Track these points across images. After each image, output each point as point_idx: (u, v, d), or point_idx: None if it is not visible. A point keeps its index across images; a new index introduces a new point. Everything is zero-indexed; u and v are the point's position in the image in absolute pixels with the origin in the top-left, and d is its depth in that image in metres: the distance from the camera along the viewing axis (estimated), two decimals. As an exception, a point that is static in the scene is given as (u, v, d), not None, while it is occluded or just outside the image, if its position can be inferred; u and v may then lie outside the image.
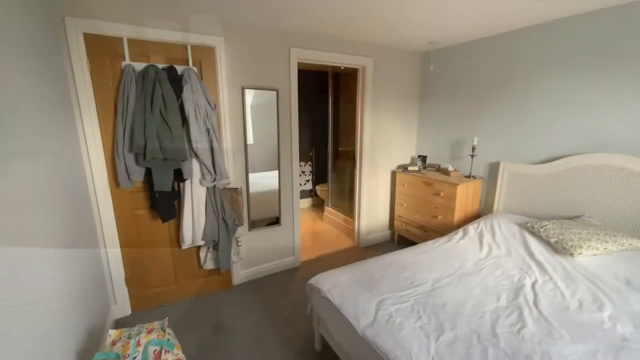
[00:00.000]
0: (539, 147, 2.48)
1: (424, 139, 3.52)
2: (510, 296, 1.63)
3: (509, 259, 2.02)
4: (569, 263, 1.86)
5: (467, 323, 1.41)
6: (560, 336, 1.32)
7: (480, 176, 2.93)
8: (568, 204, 2.29)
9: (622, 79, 2.01)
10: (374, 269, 1.90)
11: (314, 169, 4.93)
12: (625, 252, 1.82)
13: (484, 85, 2.82)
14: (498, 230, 2.32)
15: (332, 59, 2.85)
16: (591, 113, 2.16)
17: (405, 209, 3.31)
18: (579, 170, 2.21)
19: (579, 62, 2.19)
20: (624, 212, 2.02)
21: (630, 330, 1.36)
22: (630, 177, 1.97)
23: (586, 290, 1.65)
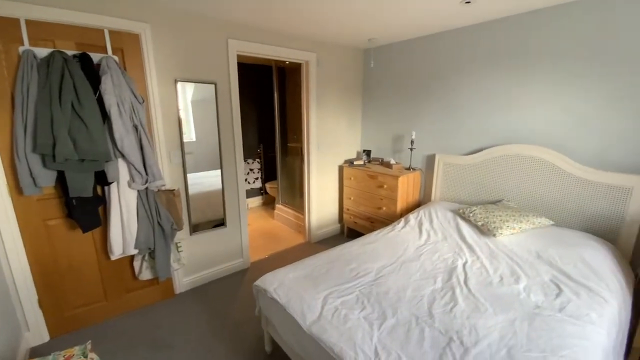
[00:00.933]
0: (468, 139, 2.73)
1: (368, 134, 3.65)
2: (445, 278, 1.76)
3: (445, 244, 2.19)
4: (493, 243, 2.07)
5: (407, 308, 1.48)
6: (485, 309, 1.46)
7: (419, 168, 3.13)
8: (492, 190, 2.55)
9: (535, 78, 2.28)
10: (321, 263, 1.91)
11: (263, 166, 4.81)
12: (535, 230, 2.09)
13: (419, 83, 3.00)
14: (435, 217, 2.50)
15: (274, 53, 2.77)
16: (511, 108, 2.43)
17: (353, 202, 3.40)
18: (499, 160, 2.47)
19: (499, 62, 2.43)
20: (534, 195, 2.31)
21: (542, 299, 1.55)
22: (539, 164, 2.26)
23: (506, 265, 1.85)
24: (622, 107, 1.92)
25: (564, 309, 1.46)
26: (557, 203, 2.20)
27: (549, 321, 1.38)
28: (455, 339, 1.27)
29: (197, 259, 2.64)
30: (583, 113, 2.08)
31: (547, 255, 1.88)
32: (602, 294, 1.55)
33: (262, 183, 4.82)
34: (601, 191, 2.00)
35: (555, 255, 1.86)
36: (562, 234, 2.01)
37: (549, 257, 1.86)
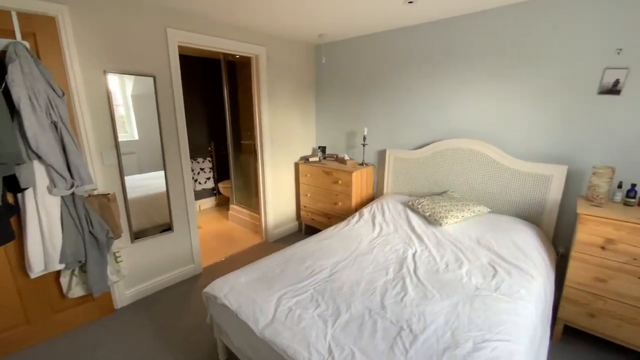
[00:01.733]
0: (415, 135, 2.86)
1: (323, 130, 3.65)
2: (397, 268, 1.83)
3: (396, 235, 2.27)
4: (439, 232, 2.20)
5: (361, 301, 1.50)
6: (432, 296, 1.54)
7: (372, 163, 3.22)
8: (438, 182, 2.71)
9: (471, 77, 2.45)
10: (275, 264, 1.85)
11: (215, 165, 4.57)
12: (475, 217, 2.26)
13: (368, 80, 3.07)
14: (387, 210, 2.58)
15: (221, 46, 2.62)
16: (452, 105, 2.58)
17: (310, 198, 3.38)
18: (443, 153, 2.63)
19: (440, 61, 2.57)
20: (474, 185, 2.50)
21: (481, 281, 1.68)
22: (477, 157, 2.44)
23: (451, 252, 1.97)
24: (544, 104, 2.15)
25: (499, 288, 1.60)
26: (493, 192, 2.40)
27: (486, 301, 1.49)
28: (405, 328, 1.31)
29: (142, 268, 2.42)
30: (512, 109, 2.29)
31: (485, 241, 2.04)
32: (530, 272, 1.73)
33: (215, 183, 4.59)
34: (527, 180, 2.23)
35: (491, 239, 2.02)
36: (497, 220, 2.20)
37: (486, 242, 2.02)
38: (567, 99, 2.06)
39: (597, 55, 1.92)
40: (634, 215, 1.64)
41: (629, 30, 1.80)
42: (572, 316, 1.86)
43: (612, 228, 1.66)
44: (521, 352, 1.21)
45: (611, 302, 1.72)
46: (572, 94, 2.04)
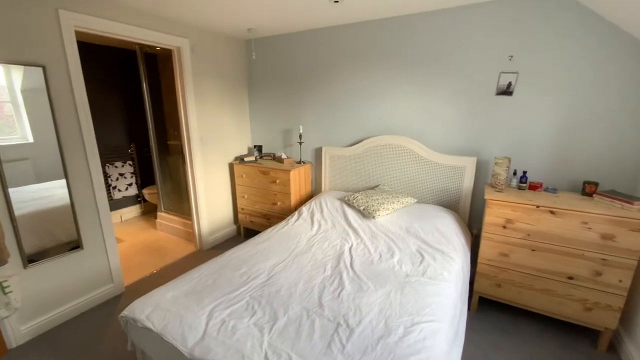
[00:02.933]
0: (349, 132, 2.94)
1: (258, 129, 3.53)
2: (334, 264, 1.85)
3: (334, 231, 2.31)
4: (373, 224, 2.30)
5: (299, 302, 1.48)
6: (367, 287, 1.60)
7: (309, 161, 3.22)
8: (371, 177, 2.84)
9: (398, 76, 2.60)
10: (207, 273, 1.72)
11: (138, 170, 4.08)
12: (404, 208, 2.43)
13: (302, 77, 3.06)
14: (325, 207, 2.61)
15: (133, 34, 2.32)
16: (382, 103, 2.71)
17: (247, 200, 3.25)
18: (375, 149, 2.76)
19: (369, 60, 2.68)
20: (402, 178, 2.68)
21: (410, 268, 1.80)
22: (404, 152, 2.62)
23: (384, 243, 2.08)
24: (456, 104, 2.40)
25: (426, 272, 1.73)
26: (419, 183, 2.61)
27: (415, 286, 1.60)
28: (342, 323, 1.33)
29: (42, 297, 2.02)
30: (432, 108, 2.51)
31: (413, 229, 2.20)
32: (450, 255, 1.92)
33: (139, 189, 4.10)
34: (446, 171, 2.47)
35: (418, 228, 2.19)
36: (423, 209, 2.40)
37: (414, 231, 2.18)
38: (473, 99, 2.33)
39: (494, 61, 2.21)
40: (525, 197, 1.94)
41: (517, 38, 2.11)
42: (484, 288, 2.13)
43: (510, 210, 1.93)
44: (444, 329, 1.33)
45: (512, 272, 2.01)
46: (476, 95, 2.31)
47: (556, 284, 1.89)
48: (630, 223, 1.64)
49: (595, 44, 1.91)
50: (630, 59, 1.85)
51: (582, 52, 1.95)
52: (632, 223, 1.64)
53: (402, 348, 1.19)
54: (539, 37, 2.04)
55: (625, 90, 1.89)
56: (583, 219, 1.74)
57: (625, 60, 1.86)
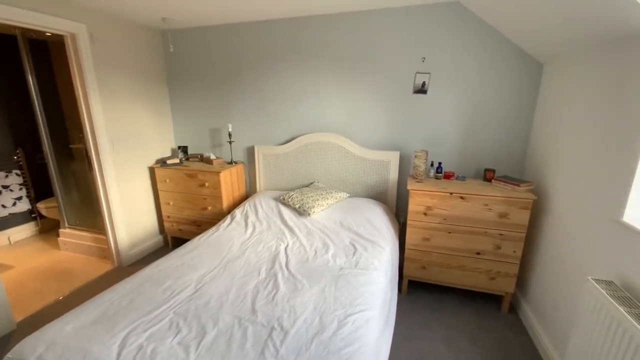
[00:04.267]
0: (281, 130, 2.90)
1: (182, 128, 3.25)
2: (269, 266, 1.80)
3: (269, 232, 2.25)
4: (309, 221, 2.31)
5: (230, 311, 1.39)
6: (302, 286, 1.59)
7: (241, 161, 3.09)
8: (305, 174, 2.85)
9: (327, 75, 2.63)
10: (122, 294, 1.50)
11: (30, 180, 3.40)
12: (338, 203, 2.49)
13: (231, 73, 2.90)
14: (260, 208, 2.53)
15: (7, 15, 1.89)
16: (313, 101, 2.72)
17: (173, 207, 2.97)
18: (308, 147, 2.77)
19: (301, 58, 2.66)
20: (335, 174, 2.75)
21: (344, 260, 1.85)
22: (335, 148, 2.69)
23: (319, 239, 2.10)
24: (380, 101, 2.54)
25: (358, 263, 1.80)
26: (350, 178, 2.71)
27: (348, 278, 1.65)
28: (276, 327, 1.29)
29: None
30: (359, 105, 2.61)
31: (346, 223, 2.27)
32: (380, 244, 2.03)
33: (32, 203, 3.42)
34: (374, 165, 2.61)
35: (351, 221, 2.27)
36: (355, 203, 2.49)
37: (348, 224, 2.25)
38: (394, 97, 2.50)
39: (411, 62, 2.39)
40: (441, 186, 2.16)
41: (428, 42, 2.32)
42: (412, 272, 2.31)
43: (429, 198, 2.13)
44: (375, 316, 1.39)
45: (434, 254, 2.22)
46: (396, 93, 2.49)
47: (468, 260, 2.15)
48: (519, 202, 1.95)
49: (485, 50, 2.21)
50: (512, 64, 2.19)
51: (475, 57, 2.24)
52: (520, 202, 1.95)
53: (335, 342, 1.21)
54: (444, 42, 2.28)
55: (510, 91, 2.24)
56: (485, 202, 2.01)
57: (508, 65, 2.19)
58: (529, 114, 2.24)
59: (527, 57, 2.16)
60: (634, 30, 1.23)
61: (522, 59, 2.17)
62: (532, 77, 2.18)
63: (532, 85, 2.19)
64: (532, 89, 2.20)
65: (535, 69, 2.16)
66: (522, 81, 2.20)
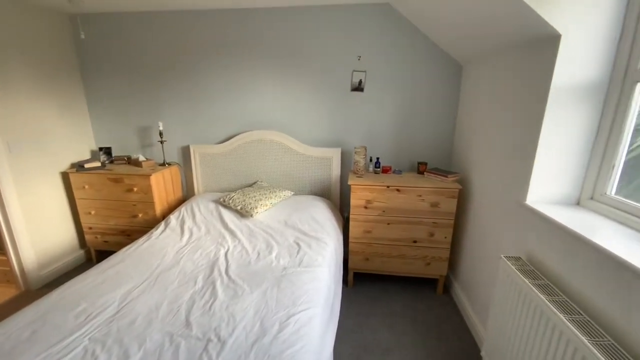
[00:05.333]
0: (219, 128, 2.74)
1: (104, 128, 2.87)
2: (207, 274, 1.68)
3: (208, 237, 2.11)
4: (252, 223, 2.23)
5: (160, 328, 1.26)
6: (243, 291, 1.51)
7: (176, 162, 2.85)
8: (248, 174, 2.74)
9: (268, 71, 2.54)
10: (23, 324, 1.27)
11: None
12: (283, 202, 2.45)
13: (160, 67, 2.64)
14: (198, 212, 2.37)
15: None
16: (253, 97, 2.62)
17: (96, 216, 2.62)
18: (248, 145, 2.66)
19: (240, 53, 2.52)
20: (279, 173, 2.69)
21: (288, 260, 1.82)
22: (277, 146, 2.63)
23: (263, 240, 2.04)
24: (320, 98, 2.55)
25: (302, 262, 1.78)
26: (294, 176, 2.68)
27: (292, 278, 1.62)
28: (213, 338, 1.21)
29: None
30: (300, 102, 2.59)
31: (291, 221, 2.24)
32: (324, 240, 2.04)
33: None
34: (317, 162, 2.62)
35: (296, 219, 2.25)
36: (299, 201, 2.47)
37: (292, 222, 2.22)
38: (333, 94, 2.53)
39: (347, 60, 2.44)
40: (379, 180, 2.25)
41: (363, 41, 2.38)
42: (356, 264, 2.38)
43: (369, 192, 2.20)
44: (318, 313, 1.38)
45: (376, 246, 2.31)
46: (336, 91, 2.52)
47: (406, 249, 2.28)
48: (447, 192, 2.13)
49: (415, 50, 2.36)
50: (438, 65, 2.37)
51: (406, 57, 2.37)
52: (448, 192, 2.12)
53: (277, 345, 1.17)
54: (378, 41, 2.37)
55: (437, 89, 2.42)
56: (418, 193, 2.15)
57: (435, 65, 2.37)
58: (453, 111, 2.46)
59: (449, 59, 2.35)
60: (532, 36, 1.41)
61: (446, 60, 2.36)
62: (454, 77, 2.39)
63: (454, 84, 2.40)
64: (455, 88, 2.41)
65: (457, 70, 2.37)
66: (447, 81, 2.40)
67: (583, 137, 1.34)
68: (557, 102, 1.31)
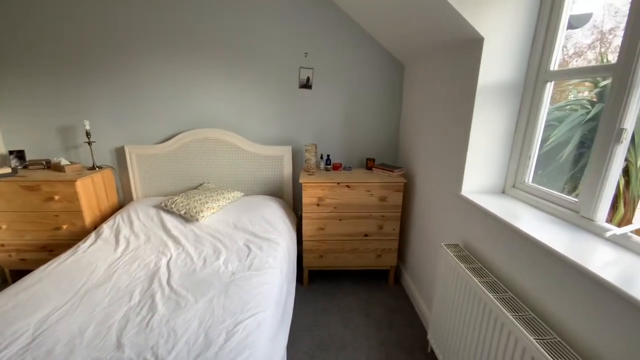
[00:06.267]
0: (159, 126, 2.52)
1: (14, 127, 2.47)
2: (145, 287, 1.53)
3: (148, 246, 1.93)
4: (198, 227, 2.09)
5: (85, 356, 1.11)
6: (187, 302, 1.41)
7: (109, 165, 2.56)
8: (193, 175, 2.57)
9: (212, 68, 2.39)
10: None
11: None
12: (231, 204, 2.34)
13: (89, 57, 2.33)
14: (136, 219, 2.16)
15: None
16: (197, 95, 2.45)
17: (8, 231, 2.25)
18: (192, 144, 2.49)
19: (181, 47, 2.33)
20: (227, 173, 2.57)
21: (237, 264, 1.74)
22: (224, 145, 2.50)
23: (210, 245, 1.92)
24: (268, 95, 2.48)
25: (252, 265, 1.72)
26: (244, 176, 2.58)
27: (241, 283, 1.55)
28: (149, 358, 1.10)
29: None
30: (248, 99, 2.48)
31: (241, 223, 2.15)
32: (276, 240, 1.99)
33: None
34: (267, 161, 2.55)
35: (246, 221, 2.16)
36: (250, 201, 2.39)
37: (242, 224, 2.14)
38: (282, 92, 2.48)
39: (294, 57, 2.41)
40: (330, 177, 2.26)
41: (311, 37, 2.36)
42: (311, 262, 2.37)
43: (320, 189, 2.20)
44: (268, 317, 1.34)
45: (329, 242, 2.33)
46: (284, 88, 2.47)
47: (358, 243, 2.33)
48: (393, 186, 2.21)
49: (361, 49, 2.41)
50: (383, 64, 2.45)
51: (353, 55, 2.41)
52: (394, 185, 2.21)
53: (222, 356, 1.10)
54: (325, 39, 2.37)
55: (382, 87, 2.51)
56: (367, 188, 2.21)
57: (380, 64, 2.45)
58: (398, 108, 2.56)
59: (392, 58, 2.45)
60: (461, 38, 1.51)
61: (389, 59, 2.45)
62: (398, 76, 2.49)
63: (398, 83, 2.50)
64: (398, 87, 2.51)
65: (399, 69, 2.48)
66: (391, 79, 2.49)
67: (505, 133, 1.48)
68: (483, 101, 1.43)
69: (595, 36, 1.36)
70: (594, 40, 1.38)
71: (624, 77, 0.95)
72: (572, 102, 1.94)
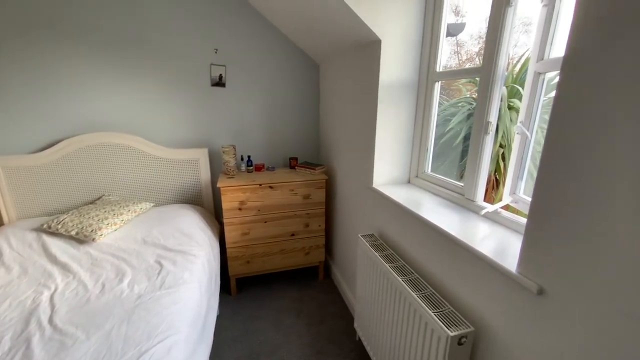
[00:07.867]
0: (36, 131, 2.07)
1: None
2: (18, 330, 1.23)
3: (24, 279, 1.57)
4: (94, 249, 1.78)
5: None
6: (75, 340, 1.18)
7: (-38, 183, 2.01)
8: (88, 187, 2.19)
9: (110, 65, 2.05)
10: None
11: None
12: (139, 217, 2.07)
13: None
14: (7, 247, 1.74)
15: None
16: (88, 95, 2.10)
17: None
18: (83, 151, 2.12)
19: (65, 39, 1.93)
20: (132, 182, 2.26)
21: (145, 285, 1.53)
22: (126, 151, 2.19)
23: (111, 268, 1.66)
24: (177, 95, 2.25)
25: (164, 283, 1.53)
26: (154, 184, 2.30)
27: (148, 306, 1.37)
28: (16, 421, 0.88)
29: None
30: (152, 100, 2.22)
31: (151, 238, 1.91)
32: (192, 252, 1.82)
33: None
34: (181, 166, 2.33)
35: (158, 234, 1.93)
36: (162, 212, 2.14)
37: (153, 239, 1.90)
38: (192, 90, 2.28)
39: (204, 53, 2.24)
40: (251, 179, 2.18)
41: (223, 33, 2.22)
42: (237, 269, 2.26)
43: (241, 192, 2.10)
44: (181, 339, 1.21)
45: (255, 246, 2.25)
46: (194, 86, 2.28)
47: (286, 243, 2.31)
48: (316, 183, 2.24)
49: (276, 47, 2.36)
50: (299, 63, 2.45)
51: (269, 53, 2.36)
52: (317, 183, 2.24)
53: (121, 397, 0.95)
54: (238, 35, 2.26)
55: (300, 86, 2.51)
56: (290, 187, 2.19)
57: (296, 63, 2.44)
58: (316, 106, 2.60)
59: (308, 58, 2.47)
60: (363, 39, 1.59)
61: (305, 59, 2.46)
62: (314, 75, 2.52)
63: (314, 82, 2.54)
64: (315, 86, 2.55)
65: (315, 68, 2.51)
66: (308, 78, 2.51)
67: (407, 127, 1.61)
68: (386, 98, 1.53)
69: (481, 45, 1.60)
70: (480, 48, 1.63)
71: (486, 77, 1.11)
72: (462, 100, 2.23)
